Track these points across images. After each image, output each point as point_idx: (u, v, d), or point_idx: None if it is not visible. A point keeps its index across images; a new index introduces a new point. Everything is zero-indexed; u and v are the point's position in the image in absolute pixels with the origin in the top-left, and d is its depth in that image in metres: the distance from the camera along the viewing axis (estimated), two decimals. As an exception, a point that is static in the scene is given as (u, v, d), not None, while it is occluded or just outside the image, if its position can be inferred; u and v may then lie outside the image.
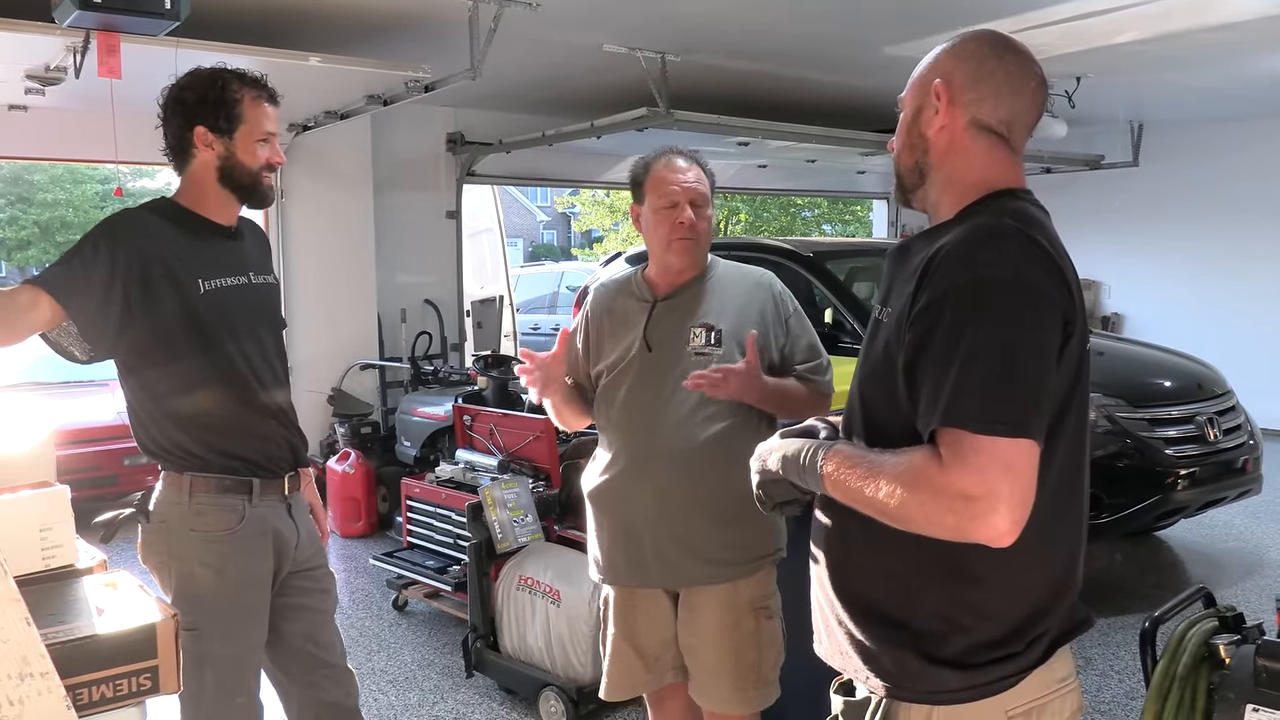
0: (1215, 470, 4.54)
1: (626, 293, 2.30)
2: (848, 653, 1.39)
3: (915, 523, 1.21)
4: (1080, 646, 3.90)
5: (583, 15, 4.77)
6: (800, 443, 1.39)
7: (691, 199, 2.19)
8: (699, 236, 2.20)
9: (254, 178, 2.16)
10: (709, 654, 2.18)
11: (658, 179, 2.22)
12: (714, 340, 2.15)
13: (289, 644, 2.26)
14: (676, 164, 2.22)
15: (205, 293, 2.09)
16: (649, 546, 2.16)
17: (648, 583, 2.21)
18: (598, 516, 2.28)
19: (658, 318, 2.22)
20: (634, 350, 2.21)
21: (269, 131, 2.16)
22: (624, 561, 2.22)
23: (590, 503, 2.29)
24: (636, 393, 2.20)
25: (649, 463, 2.15)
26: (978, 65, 1.37)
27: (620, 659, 2.27)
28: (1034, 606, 1.31)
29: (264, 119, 2.15)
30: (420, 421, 5.90)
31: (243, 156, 2.13)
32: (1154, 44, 5.51)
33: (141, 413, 2.13)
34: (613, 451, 2.23)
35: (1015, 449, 1.16)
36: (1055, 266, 1.25)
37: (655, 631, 2.24)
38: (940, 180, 1.40)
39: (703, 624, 2.18)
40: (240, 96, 2.12)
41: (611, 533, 2.24)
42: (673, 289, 2.25)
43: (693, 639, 2.20)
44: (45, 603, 1.66)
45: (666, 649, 2.25)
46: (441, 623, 4.28)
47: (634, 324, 2.23)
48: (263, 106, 2.15)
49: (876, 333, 1.39)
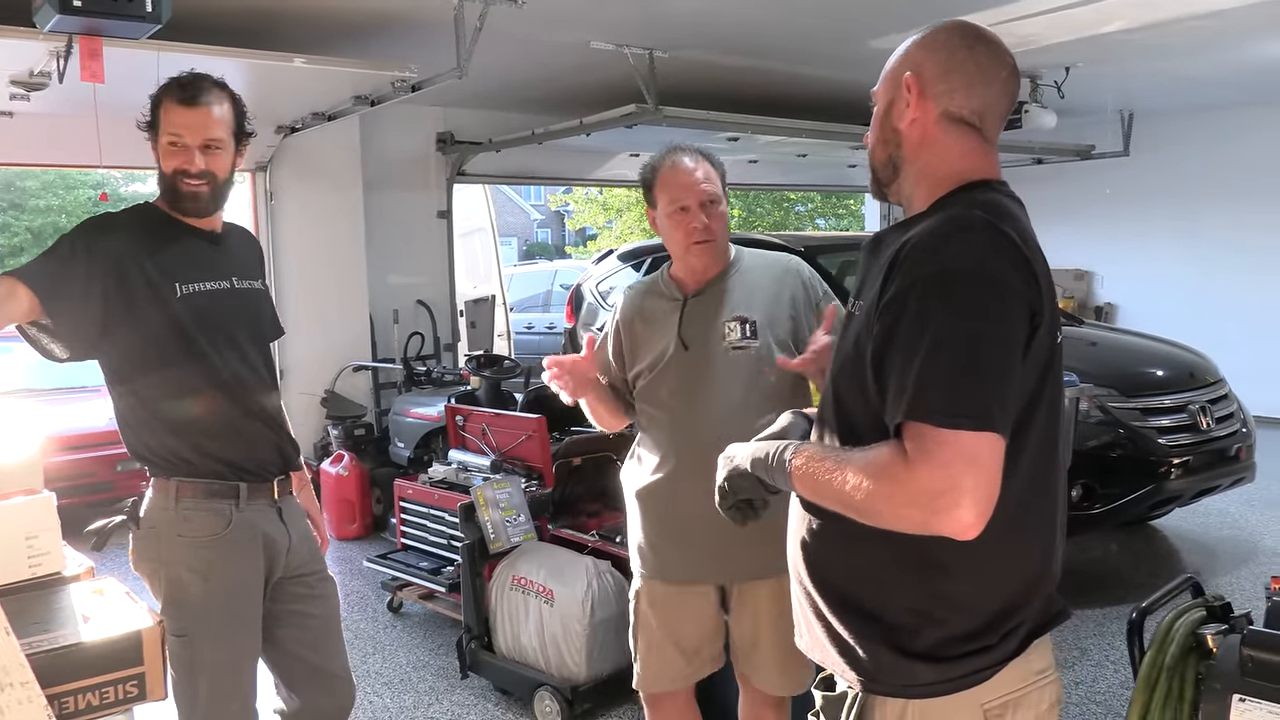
0: (1208, 459, 4.54)
1: (655, 293, 2.32)
2: (826, 646, 1.40)
3: (882, 517, 1.21)
4: (1075, 637, 3.92)
5: (569, 12, 4.76)
6: (770, 444, 1.39)
7: (702, 199, 2.20)
8: (715, 236, 2.21)
9: (166, 182, 2.09)
10: (769, 643, 2.21)
11: (665, 182, 2.23)
12: (750, 333, 2.17)
13: (284, 650, 2.24)
14: (683, 164, 2.22)
15: (182, 296, 2.07)
16: (704, 544, 2.17)
17: (698, 577, 2.24)
18: (647, 514, 2.29)
19: (690, 315, 2.24)
20: (670, 350, 2.22)
21: (174, 134, 2.06)
22: (677, 558, 2.25)
23: (638, 501, 2.30)
24: (679, 392, 2.22)
25: (700, 461, 2.13)
26: (948, 56, 1.37)
27: (658, 652, 2.30)
28: (1007, 599, 1.31)
29: (173, 123, 2.06)
30: (413, 422, 5.90)
31: (161, 162, 2.09)
32: (1142, 32, 5.50)
33: (129, 417, 2.12)
34: (661, 451, 2.24)
35: (979, 442, 1.16)
36: (1022, 258, 1.25)
37: (699, 626, 2.27)
38: (914, 173, 1.41)
39: (759, 616, 2.22)
40: (159, 100, 2.07)
41: (664, 530, 2.26)
42: (701, 285, 2.27)
43: (751, 630, 2.24)
44: (30, 611, 1.67)
45: (706, 642, 2.29)
46: (436, 624, 4.28)
47: (667, 324, 2.25)
48: (173, 109, 2.06)
49: (849, 325, 1.40)
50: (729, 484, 1.44)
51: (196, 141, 2.07)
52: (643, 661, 2.32)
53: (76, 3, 3.29)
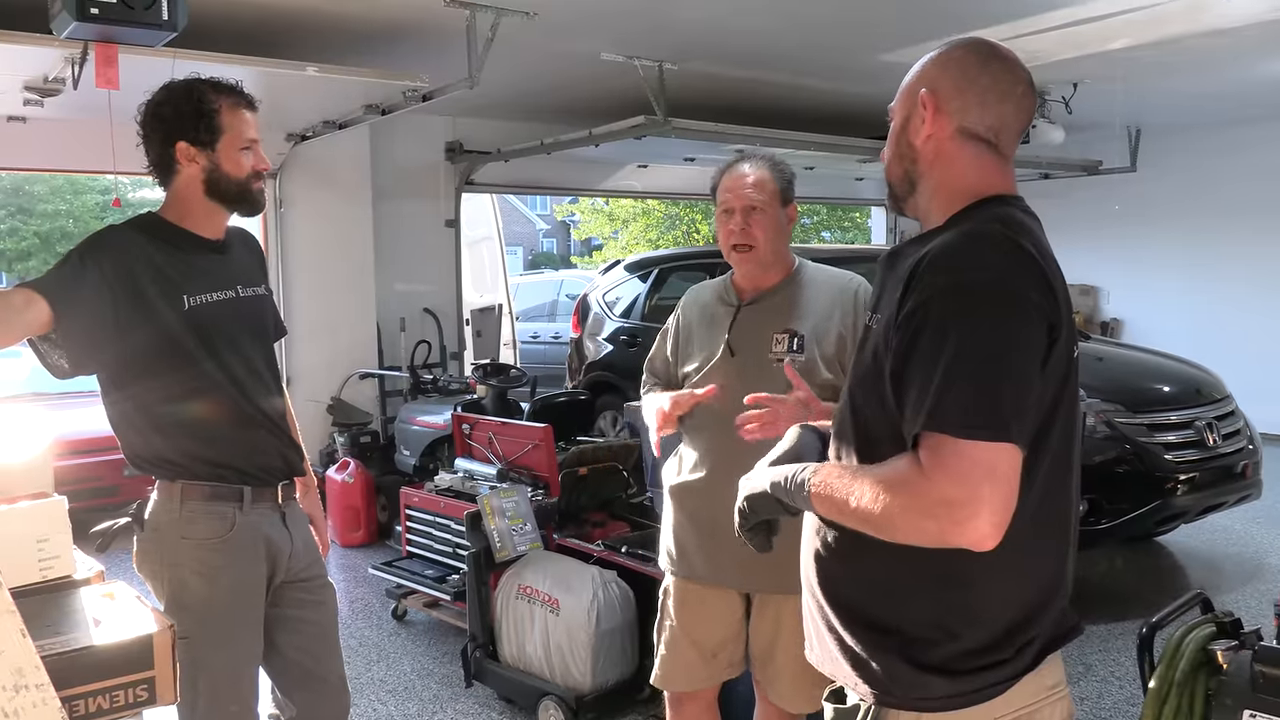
0: (1215, 475, 4.53)
1: (716, 296, 2.35)
2: (837, 659, 1.39)
3: (899, 530, 1.22)
4: (1080, 652, 3.90)
5: (579, 24, 4.78)
6: (788, 467, 1.40)
7: (745, 204, 2.22)
8: (755, 243, 2.22)
9: (241, 187, 2.13)
10: (789, 659, 2.17)
11: (722, 184, 2.28)
12: (796, 346, 2.18)
13: (284, 655, 2.25)
14: (739, 170, 2.26)
15: (190, 308, 2.07)
16: (728, 547, 2.15)
17: (723, 582, 2.24)
18: (679, 511, 2.31)
19: (741, 322, 2.26)
20: (718, 354, 2.25)
21: (251, 139, 2.13)
22: (703, 559, 2.25)
23: (672, 497, 2.33)
24: (722, 397, 2.21)
25: (737, 467, 2.15)
26: (963, 73, 1.38)
27: (677, 652, 2.30)
28: (1022, 612, 1.31)
29: (245, 126, 2.11)
30: (419, 430, 5.89)
31: (228, 167, 2.10)
32: (1149, 50, 5.52)
33: (130, 423, 2.12)
34: (699, 453, 2.27)
35: (997, 453, 1.16)
36: (1041, 272, 1.26)
37: (719, 629, 2.27)
38: (930, 188, 1.42)
39: (780, 630, 2.20)
40: (218, 106, 2.09)
41: (693, 529, 2.27)
42: (758, 293, 2.28)
43: (771, 643, 2.23)
44: (42, 614, 1.66)
45: (725, 647, 2.28)
46: (441, 632, 4.27)
47: (720, 327, 2.28)
48: (241, 113, 2.11)
49: (866, 339, 1.41)
50: (749, 505, 1.45)
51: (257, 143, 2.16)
52: (661, 658, 2.34)
53: (93, 10, 3.31)
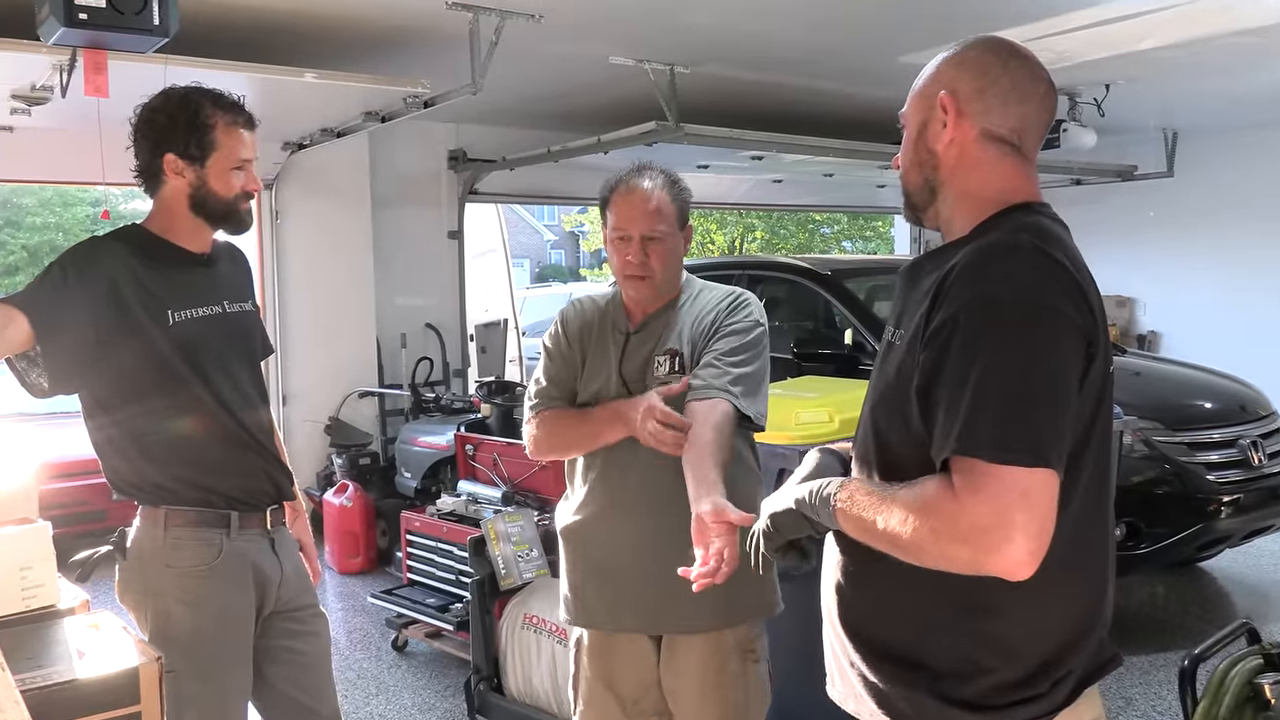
0: (1260, 497, 4.43)
1: (605, 319, 2.22)
2: (861, 695, 1.38)
3: (929, 555, 1.19)
4: (1120, 686, 3.80)
5: (587, 27, 4.71)
6: (813, 483, 1.37)
7: (644, 232, 2.09)
8: (652, 274, 2.11)
9: (228, 207, 2.11)
10: (695, 701, 2.11)
11: (615, 204, 2.13)
12: (677, 367, 2.11)
13: (273, 688, 2.21)
14: (638, 188, 2.11)
15: (174, 324, 2.05)
16: (627, 589, 2.10)
17: (623, 627, 2.16)
18: (571, 555, 2.22)
19: (631, 352, 2.17)
20: (612, 389, 2.15)
21: (245, 159, 2.10)
22: (599, 603, 2.17)
23: (563, 540, 2.24)
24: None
25: (628, 501, 2.09)
26: (983, 73, 1.36)
27: (596, 705, 2.21)
28: (1058, 643, 1.29)
29: (239, 145, 2.08)
30: (421, 451, 5.83)
31: (215, 185, 2.08)
32: (1180, 50, 5.40)
33: (114, 447, 2.09)
34: (588, 487, 2.16)
35: (1032, 478, 1.14)
36: (1075, 285, 1.23)
37: (634, 675, 2.18)
38: (952, 196, 1.40)
39: (687, 668, 2.11)
40: (214, 122, 2.06)
41: (585, 572, 2.18)
42: (645, 317, 2.19)
43: (677, 683, 2.13)
44: (23, 645, 1.65)
45: (646, 693, 2.18)
46: (443, 664, 4.20)
47: (610, 355, 2.19)
48: (238, 132, 2.09)
49: (888, 355, 1.38)
50: (774, 524, 1.41)
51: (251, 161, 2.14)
52: (580, 714, 2.26)
53: (81, 15, 3.29)
